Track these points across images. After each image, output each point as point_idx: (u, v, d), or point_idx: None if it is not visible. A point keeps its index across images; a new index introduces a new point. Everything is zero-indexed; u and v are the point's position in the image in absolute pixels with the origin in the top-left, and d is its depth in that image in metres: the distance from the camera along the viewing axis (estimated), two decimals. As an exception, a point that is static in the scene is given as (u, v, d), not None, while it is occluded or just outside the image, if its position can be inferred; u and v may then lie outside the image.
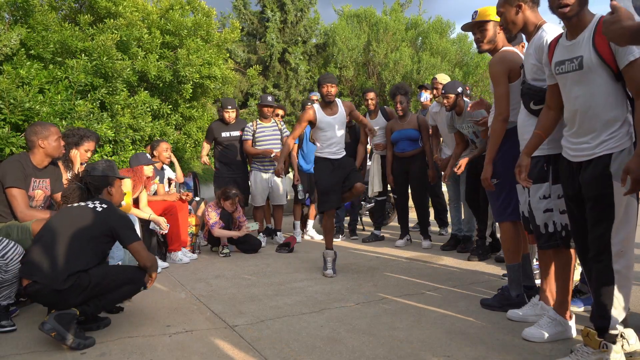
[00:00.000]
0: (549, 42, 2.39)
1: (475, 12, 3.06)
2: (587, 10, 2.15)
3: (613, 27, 1.72)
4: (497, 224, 4.77)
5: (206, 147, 5.93)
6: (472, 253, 4.55)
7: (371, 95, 5.64)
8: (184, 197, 4.90)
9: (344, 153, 4.36)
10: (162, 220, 4.41)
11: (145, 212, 4.40)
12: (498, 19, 2.82)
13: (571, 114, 2.21)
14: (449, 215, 5.54)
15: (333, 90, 4.22)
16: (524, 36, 2.82)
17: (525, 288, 3.12)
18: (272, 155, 5.43)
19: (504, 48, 3.01)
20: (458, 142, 4.63)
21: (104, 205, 2.78)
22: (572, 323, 2.55)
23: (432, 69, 12.88)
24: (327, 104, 4.27)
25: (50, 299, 2.55)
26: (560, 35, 2.30)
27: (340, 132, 4.29)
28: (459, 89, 4.45)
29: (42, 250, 2.58)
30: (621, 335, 2.21)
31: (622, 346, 2.22)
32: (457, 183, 4.99)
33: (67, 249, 2.57)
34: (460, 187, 4.97)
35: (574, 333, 2.54)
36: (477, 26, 3.04)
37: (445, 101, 4.50)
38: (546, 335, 2.47)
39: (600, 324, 2.11)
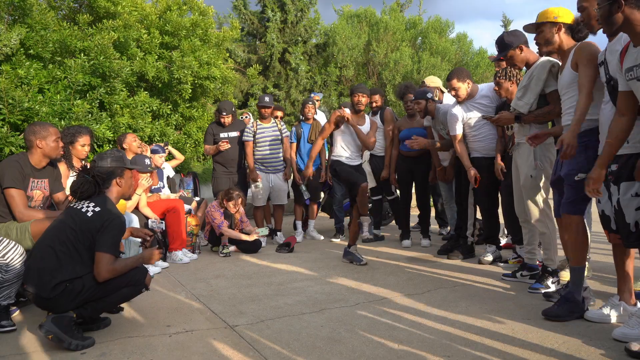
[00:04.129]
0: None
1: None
2: None
3: None
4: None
5: (209, 148, 5.80)
6: (453, 253, 4.53)
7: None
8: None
9: (357, 163, 4.63)
10: (155, 216, 4.45)
11: (145, 212, 4.41)
12: (555, 20, 2.93)
13: None
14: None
15: (363, 100, 4.51)
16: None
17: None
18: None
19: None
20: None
21: (97, 209, 2.62)
22: None
23: (432, 69, 12.86)
24: (356, 113, 4.54)
25: (42, 305, 2.55)
26: (630, 41, 2.31)
27: (359, 144, 4.55)
28: (428, 95, 4.70)
29: (34, 257, 2.56)
30: None
31: None
32: (451, 183, 4.97)
33: (56, 258, 2.51)
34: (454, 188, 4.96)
35: None
36: (534, 28, 3.07)
37: (416, 107, 4.77)
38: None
39: None
